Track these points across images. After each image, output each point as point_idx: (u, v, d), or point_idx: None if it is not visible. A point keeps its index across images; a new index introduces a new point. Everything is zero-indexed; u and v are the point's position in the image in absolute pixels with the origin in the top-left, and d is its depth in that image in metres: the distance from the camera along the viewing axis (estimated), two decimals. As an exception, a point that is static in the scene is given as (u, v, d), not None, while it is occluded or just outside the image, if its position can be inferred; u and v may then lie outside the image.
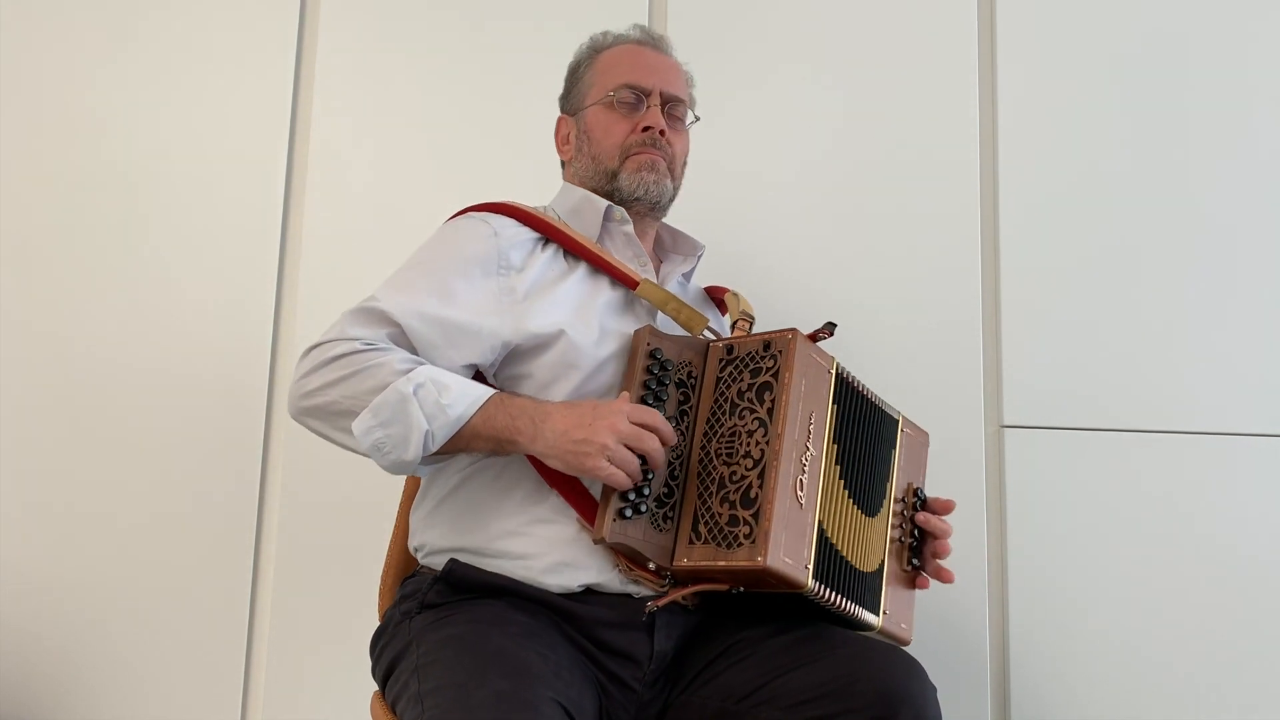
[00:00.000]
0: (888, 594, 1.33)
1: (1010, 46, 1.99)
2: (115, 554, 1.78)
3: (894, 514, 1.37)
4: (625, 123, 1.43)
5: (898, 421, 1.41)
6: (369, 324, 1.25)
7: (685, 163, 1.51)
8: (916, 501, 1.40)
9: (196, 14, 1.91)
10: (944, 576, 1.39)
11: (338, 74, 1.91)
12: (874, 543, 1.33)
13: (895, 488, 1.38)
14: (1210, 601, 1.84)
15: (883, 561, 1.34)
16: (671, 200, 1.47)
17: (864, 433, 1.33)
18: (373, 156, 1.90)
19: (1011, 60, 1.98)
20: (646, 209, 1.44)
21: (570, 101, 1.51)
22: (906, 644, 1.33)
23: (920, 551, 1.39)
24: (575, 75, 1.51)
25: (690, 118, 1.51)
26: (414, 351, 1.26)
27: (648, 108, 1.43)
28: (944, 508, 1.41)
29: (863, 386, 1.35)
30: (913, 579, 1.38)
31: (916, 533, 1.39)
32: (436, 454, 1.23)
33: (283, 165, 1.89)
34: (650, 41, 1.49)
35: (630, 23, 1.53)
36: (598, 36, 1.51)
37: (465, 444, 1.23)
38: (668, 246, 1.55)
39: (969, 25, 1.99)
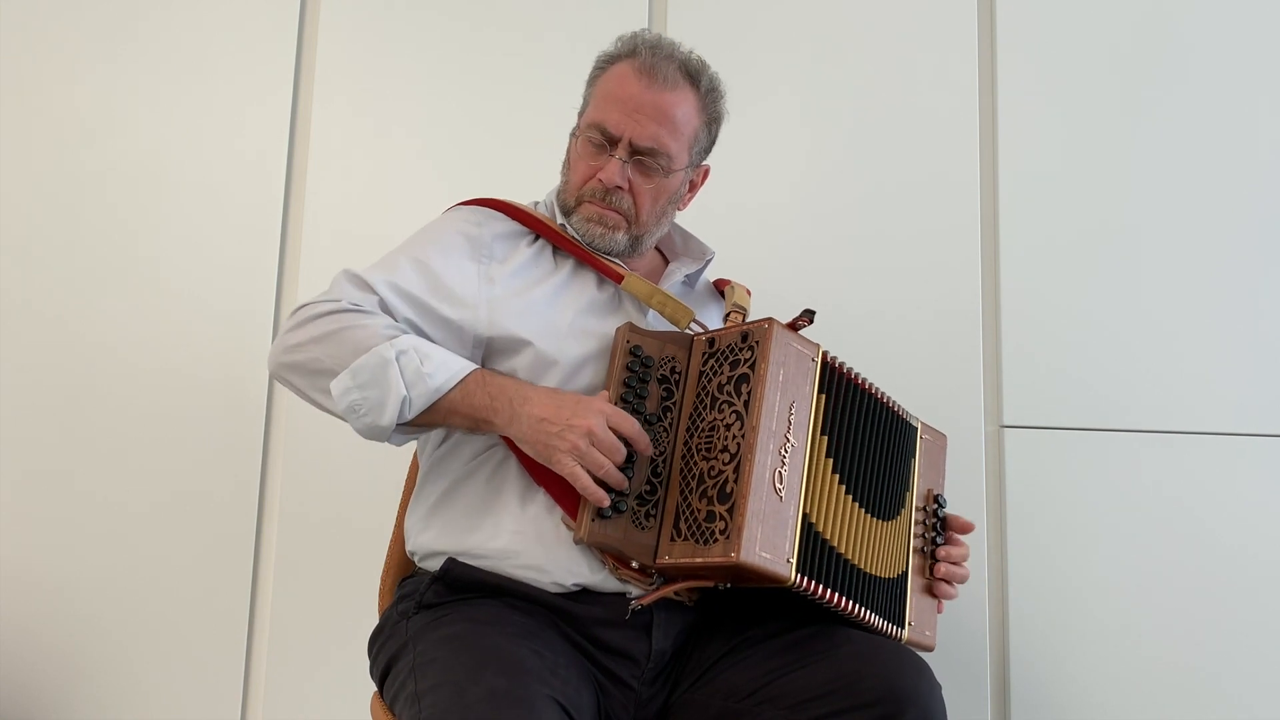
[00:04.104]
0: (913, 604, 1.32)
1: (1010, 45, 1.98)
2: (115, 554, 1.78)
3: (915, 522, 1.36)
4: (587, 166, 1.35)
5: (916, 429, 1.39)
6: (359, 289, 1.25)
7: (673, 201, 1.39)
8: (937, 508, 1.39)
9: (196, 14, 1.92)
10: (947, 593, 1.38)
11: (338, 73, 1.92)
12: (890, 549, 1.31)
13: (916, 496, 1.37)
14: (1210, 601, 1.83)
15: (905, 571, 1.33)
16: (634, 246, 1.37)
17: (864, 427, 1.31)
18: (372, 156, 1.90)
19: (1012, 59, 1.98)
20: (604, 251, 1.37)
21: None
22: (930, 650, 1.32)
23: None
24: (587, 82, 1.41)
25: (675, 167, 1.35)
26: None
27: (611, 157, 1.33)
28: (964, 528, 1.40)
29: (866, 381, 1.32)
30: (933, 586, 1.36)
31: (939, 540, 1.38)
32: (413, 424, 1.22)
33: (283, 165, 1.89)
34: (648, 71, 1.32)
35: (636, 28, 1.41)
36: (620, 40, 1.38)
37: (442, 418, 1.22)
38: (678, 249, 1.51)
39: (969, 25, 1.99)
